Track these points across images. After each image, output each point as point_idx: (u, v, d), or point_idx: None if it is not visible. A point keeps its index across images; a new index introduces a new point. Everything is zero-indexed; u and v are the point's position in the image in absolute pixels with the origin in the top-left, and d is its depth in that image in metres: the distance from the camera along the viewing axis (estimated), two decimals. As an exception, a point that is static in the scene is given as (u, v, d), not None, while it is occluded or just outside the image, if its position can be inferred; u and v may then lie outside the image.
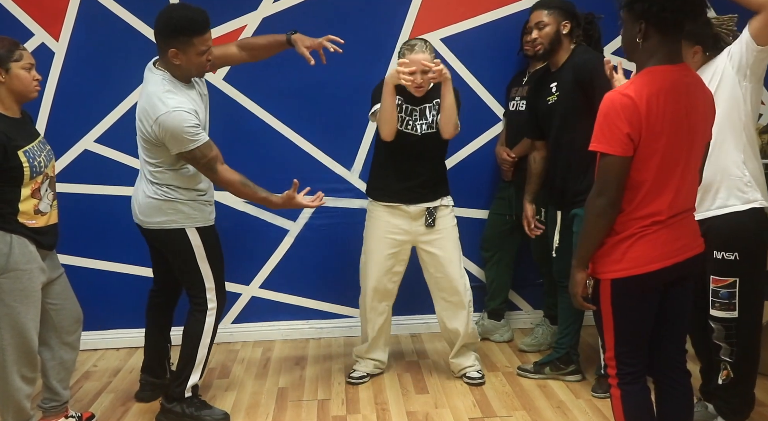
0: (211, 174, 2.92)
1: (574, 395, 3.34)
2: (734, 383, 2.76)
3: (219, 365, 3.84)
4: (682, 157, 2.11)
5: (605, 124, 2.06)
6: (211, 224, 3.10)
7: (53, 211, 2.84)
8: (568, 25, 3.25)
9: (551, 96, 3.30)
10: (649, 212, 2.11)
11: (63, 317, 2.91)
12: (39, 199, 2.74)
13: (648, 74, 2.08)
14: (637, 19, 2.08)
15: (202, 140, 2.83)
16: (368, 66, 3.96)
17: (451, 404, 3.29)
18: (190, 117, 2.80)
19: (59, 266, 2.93)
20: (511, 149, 3.86)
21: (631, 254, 2.12)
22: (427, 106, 3.32)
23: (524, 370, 3.59)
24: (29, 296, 2.71)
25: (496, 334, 4.09)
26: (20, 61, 2.67)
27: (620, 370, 2.23)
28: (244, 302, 4.17)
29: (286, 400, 3.38)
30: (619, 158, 2.05)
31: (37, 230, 2.73)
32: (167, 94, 2.81)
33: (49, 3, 3.76)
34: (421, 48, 3.17)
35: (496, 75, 4.05)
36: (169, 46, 2.80)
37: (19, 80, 2.67)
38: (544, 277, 3.98)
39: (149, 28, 3.80)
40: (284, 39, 3.18)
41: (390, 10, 3.97)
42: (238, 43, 3.25)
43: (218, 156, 2.90)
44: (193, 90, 2.96)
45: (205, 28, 2.82)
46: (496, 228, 4.03)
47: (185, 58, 2.82)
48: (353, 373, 3.57)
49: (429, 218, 3.37)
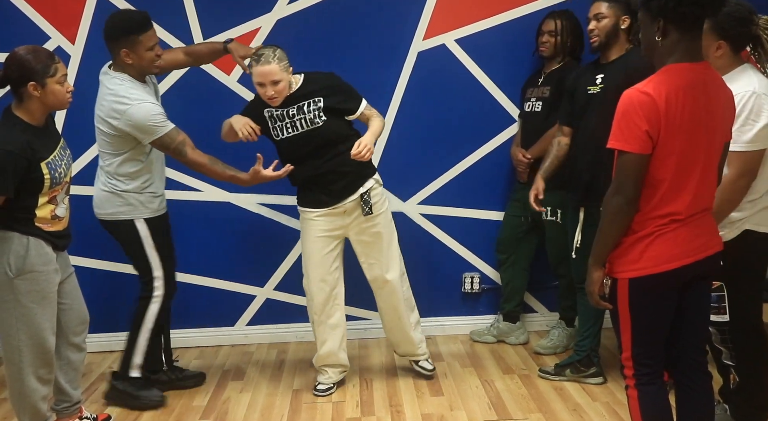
0: (181, 157, 3.13)
1: (591, 397, 3.31)
2: (741, 388, 2.73)
3: (234, 366, 3.84)
4: (701, 156, 2.08)
5: (623, 122, 2.04)
6: (159, 214, 3.28)
7: (68, 214, 2.86)
8: (627, 20, 3.20)
9: (594, 87, 3.25)
10: (668, 211, 2.08)
11: (70, 317, 2.92)
12: (56, 205, 2.76)
13: (667, 72, 2.06)
14: (654, 17, 2.06)
15: (169, 127, 3.08)
16: (382, 67, 3.96)
17: (466, 406, 3.27)
18: (155, 107, 3.07)
19: (69, 265, 2.95)
20: (526, 150, 3.84)
21: (649, 252, 2.10)
22: (304, 103, 3.21)
23: (545, 372, 3.57)
24: (46, 297, 2.72)
25: (512, 336, 4.07)
26: (56, 76, 2.64)
27: (637, 370, 2.21)
28: (258, 304, 4.17)
29: (300, 402, 3.38)
30: (637, 156, 2.03)
31: (53, 233, 2.75)
32: (130, 90, 3.06)
33: (64, 6, 3.78)
34: (268, 58, 3.07)
35: (511, 76, 4.03)
36: (120, 48, 3.05)
37: (54, 95, 2.67)
38: (560, 279, 3.95)
39: (165, 32, 3.84)
40: (221, 47, 3.42)
41: (404, 12, 3.96)
42: (183, 50, 3.50)
43: (186, 140, 3.13)
44: (148, 87, 3.19)
45: (148, 25, 3.09)
46: (512, 230, 4.01)
47: (136, 56, 3.07)
48: (318, 385, 3.47)
49: (365, 207, 3.28)
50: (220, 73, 3.92)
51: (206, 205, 4.03)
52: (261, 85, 3.12)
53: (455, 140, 4.08)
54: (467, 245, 4.20)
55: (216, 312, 4.15)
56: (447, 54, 4.00)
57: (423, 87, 4.02)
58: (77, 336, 2.97)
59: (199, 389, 3.53)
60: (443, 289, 4.23)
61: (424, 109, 4.04)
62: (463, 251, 4.20)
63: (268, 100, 3.17)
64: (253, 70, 3.11)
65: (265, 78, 3.08)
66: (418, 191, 4.13)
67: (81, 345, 2.99)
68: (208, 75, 3.90)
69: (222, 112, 3.93)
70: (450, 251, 4.19)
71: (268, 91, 3.11)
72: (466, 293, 4.24)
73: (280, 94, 3.15)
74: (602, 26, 3.20)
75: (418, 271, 4.16)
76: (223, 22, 3.89)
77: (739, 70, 2.53)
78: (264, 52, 3.10)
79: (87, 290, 3.50)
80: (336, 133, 3.25)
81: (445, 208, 4.15)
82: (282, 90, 3.14)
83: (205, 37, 3.88)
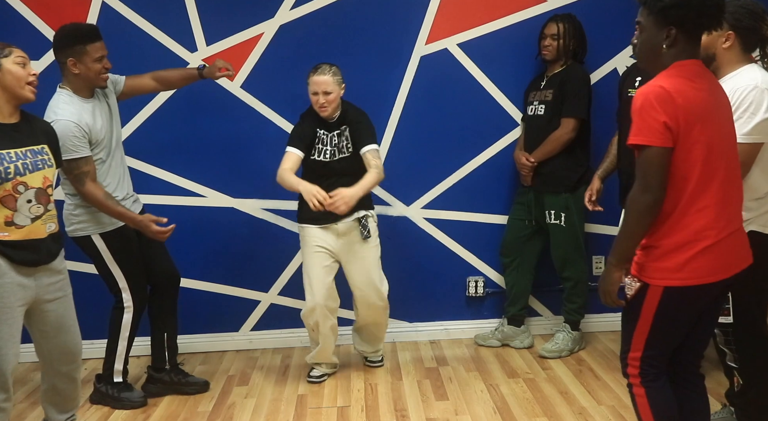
0: (78, 186, 3.07)
1: (596, 401, 3.31)
2: (745, 390, 2.72)
3: (239, 372, 3.84)
4: (724, 153, 2.07)
5: (641, 118, 2.02)
6: (115, 227, 3.24)
7: (38, 225, 2.62)
8: None
9: (633, 89, 3.28)
10: (700, 208, 2.05)
11: (52, 346, 2.73)
12: (13, 210, 2.53)
13: (677, 67, 2.05)
14: (666, 25, 2.04)
15: (81, 154, 3.04)
16: (385, 72, 3.97)
17: (471, 410, 3.26)
18: (75, 129, 3.02)
19: (60, 289, 2.73)
20: (529, 154, 3.84)
21: (694, 263, 2.06)
22: (336, 134, 3.47)
23: None
24: (1, 312, 2.50)
25: (516, 340, 4.06)
26: (10, 56, 2.56)
27: (643, 370, 2.21)
28: (263, 309, 4.17)
29: (305, 407, 3.37)
30: (659, 149, 2.00)
31: (7, 243, 2.52)
32: (61, 105, 3.06)
33: (69, 13, 3.80)
34: (324, 70, 3.36)
35: (514, 80, 4.03)
36: (67, 57, 3.08)
37: (11, 75, 2.55)
38: (564, 282, 3.94)
39: (168, 38, 3.86)
40: (196, 73, 3.52)
41: (406, 16, 3.97)
42: (152, 75, 3.51)
43: (91, 172, 3.08)
44: (90, 103, 3.17)
45: (96, 36, 3.12)
46: (516, 233, 4.00)
47: (83, 66, 3.09)
48: (312, 371, 3.68)
49: (363, 230, 3.51)
50: (224, 79, 3.93)
51: (210, 210, 4.04)
52: (315, 93, 3.37)
53: (458, 144, 4.08)
54: (471, 248, 4.20)
55: (220, 317, 4.15)
56: (449, 58, 4.01)
57: (426, 91, 4.03)
58: (65, 365, 2.78)
59: (204, 395, 3.53)
60: (447, 293, 4.23)
61: (426, 113, 4.04)
62: (467, 255, 4.20)
63: (319, 109, 3.39)
64: (309, 80, 3.38)
65: (319, 87, 3.35)
66: (421, 195, 4.13)
67: (71, 375, 2.81)
68: (211, 80, 3.91)
69: (226, 118, 3.97)
70: (454, 255, 4.19)
71: (320, 99, 3.36)
72: (470, 296, 4.24)
73: (330, 105, 3.38)
74: None
75: (422, 275, 4.18)
76: (226, 27, 3.91)
77: (747, 67, 2.53)
78: (322, 65, 3.39)
79: (89, 296, 3.55)
80: (356, 166, 3.44)
81: (449, 212, 4.15)
82: (332, 101, 3.38)
83: (209, 44, 3.90)
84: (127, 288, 3.29)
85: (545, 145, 3.76)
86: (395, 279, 3.92)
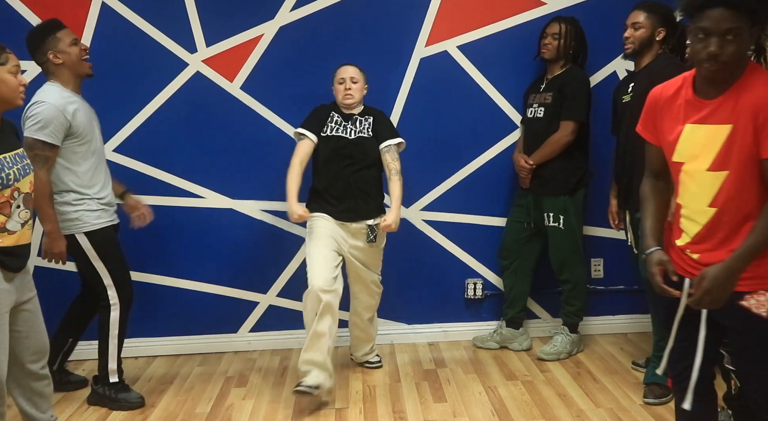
0: (36, 167, 2.90)
1: (594, 404, 3.31)
2: (742, 393, 2.71)
3: (237, 373, 3.84)
4: None
5: None
6: (100, 227, 3.25)
7: (26, 230, 2.57)
8: (663, 32, 3.27)
9: (627, 95, 3.34)
10: None
11: (25, 347, 2.64)
12: (7, 216, 2.48)
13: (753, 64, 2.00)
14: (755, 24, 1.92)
15: (50, 140, 3.06)
16: (385, 74, 3.97)
17: (469, 413, 3.26)
18: (59, 114, 3.07)
19: (31, 288, 2.66)
20: (528, 156, 3.85)
21: None
22: (358, 118, 3.56)
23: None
24: None
25: (515, 342, 4.06)
26: (6, 65, 2.50)
27: None
28: (261, 311, 4.17)
29: (303, 409, 3.37)
30: None
31: (2, 250, 2.47)
32: (49, 93, 3.11)
33: (68, 14, 3.79)
34: (351, 64, 3.56)
35: (513, 82, 4.04)
36: (46, 52, 3.14)
37: (6, 84, 2.49)
38: (563, 284, 3.95)
39: (168, 39, 3.86)
40: (122, 191, 3.56)
41: (406, 18, 3.97)
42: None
43: (50, 162, 3.10)
44: (77, 98, 3.22)
45: (61, 25, 3.21)
46: (514, 236, 4.00)
47: (63, 54, 3.16)
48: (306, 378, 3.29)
49: (371, 235, 3.51)
50: (223, 79, 3.93)
51: (209, 211, 4.04)
52: (341, 82, 3.50)
53: (458, 146, 4.09)
54: (470, 251, 4.20)
55: (219, 319, 4.14)
56: (449, 60, 4.02)
57: (425, 93, 4.03)
58: (33, 364, 2.69)
59: (202, 396, 3.53)
60: (446, 295, 4.23)
61: (426, 115, 4.05)
62: (465, 257, 4.20)
63: (343, 97, 3.50)
64: (336, 72, 3.54)
65: (347, 73, 3.50)
66: (420, 197, 4.13)
67: (39, 373, 2.72)
68: (210, 81, 3.92)
69: (225, 119, 3.97)
70: (453, 257, 4.19)
71: (347, 84, 3.49)
72: (469, 299, 4.24)
73: (355, 94, 3.51)
74: (638, 35, 3.29)
75: (420, 277, 4.18)
76: (226, 28, 3.91)
77: None
78: (349, 62, 3.57)
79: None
80: (374, 154, 3.51)
81: (448, 214, 4.15)
82: (358, 90, 3.52)
83: (208, 45, 3.90)
84: (112, 285, 3.30)
85: (544, 147, 3.76)
86: (394, 281, 3.92)
